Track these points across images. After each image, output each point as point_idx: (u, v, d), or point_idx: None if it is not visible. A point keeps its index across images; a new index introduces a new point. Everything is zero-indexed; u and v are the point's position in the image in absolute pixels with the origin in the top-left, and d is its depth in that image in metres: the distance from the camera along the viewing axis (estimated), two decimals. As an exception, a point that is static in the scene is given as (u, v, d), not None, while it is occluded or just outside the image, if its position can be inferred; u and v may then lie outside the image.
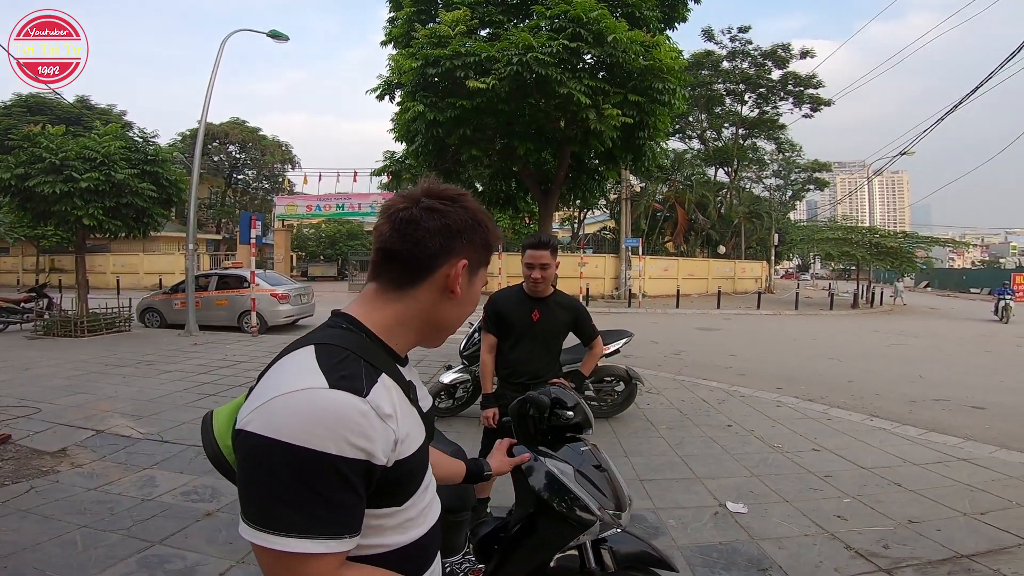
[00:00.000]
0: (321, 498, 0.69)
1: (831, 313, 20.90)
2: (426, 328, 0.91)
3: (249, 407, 0.73)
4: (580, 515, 1.71)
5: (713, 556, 2.87)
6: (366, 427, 0.72)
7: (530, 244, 2.82)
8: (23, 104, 30.07)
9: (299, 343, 0.81)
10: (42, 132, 10.52)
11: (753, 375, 8.40)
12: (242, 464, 0.72)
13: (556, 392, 2.00)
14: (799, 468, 4.27)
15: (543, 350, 2.92)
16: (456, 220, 0.87)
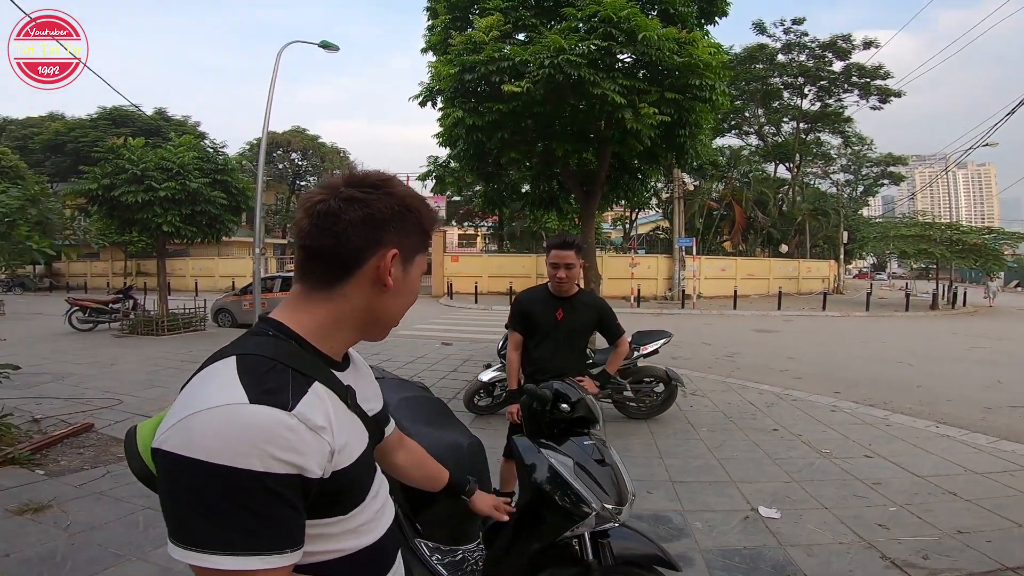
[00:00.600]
0: (253, 514, 0.65)
1: (906, 315, 19.48)
2: (364, 325, 0.86)
3: (166, 424, 0.68)
4: (575, 507, 1.75)
5: (735, 560, 2.81)
6: (294, 441, 0.68)
7: (554, 244, 2.88)
8: (108, 117, 32.90)
9: (222, 353, 0.76)
10: (124, 144, 11.42)
11: (810, 378, 8.01)
12: (162, 483, 0.68)
13: (559, 386, 2.04)
14: (845, 474, 4.07)
15: (567, 348, 2.96)
16: (381, 208, 0.81)
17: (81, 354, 9.14)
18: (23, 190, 5.21)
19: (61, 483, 3.63)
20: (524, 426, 2.16)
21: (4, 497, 3.34)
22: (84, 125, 32.82)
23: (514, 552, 1.91)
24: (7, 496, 3.36)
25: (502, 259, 27.23)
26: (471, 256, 29.88)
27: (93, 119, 33.28)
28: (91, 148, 29.41)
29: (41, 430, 4.68)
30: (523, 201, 9.42)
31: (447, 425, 2.62)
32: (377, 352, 9.42)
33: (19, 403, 5.34)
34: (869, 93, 31.06)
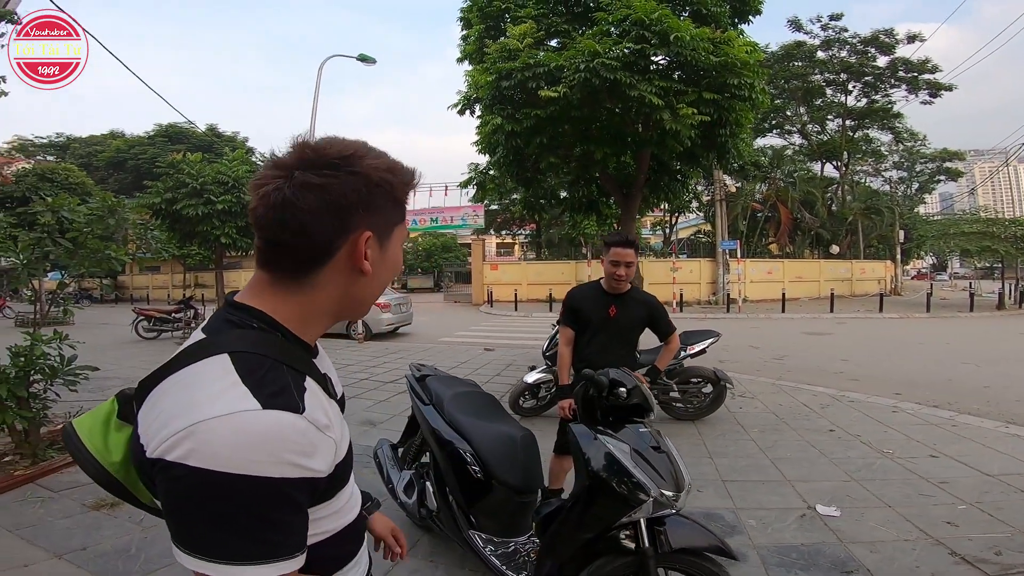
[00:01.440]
0: (269, 523, 0.63)
1: (971, 315, 18.36)
2: (341, 310, 0.80)
3: (164, 432, 0.63)
4: (632, 492, 1.76)
5: (792, 556, 2.75)
6: (306, 445, 0.66)
7: (615, 242, 2.92)
8: (164, 134, 34.95)
9: (205, 347, 0.69)
10: (184, 159, 11.99)
11: (868, 380, 7.69)
12: (170, 496, 0.64)
13: (615, 374, 2.08)
14: (909, 474, 3.91)
15: (619, 344, 3.00)
16: (344, 192, 0.71)
17: (148, 360, 9.71)
18: (100, 201, 5.60)
19: None
20: (579, 414, 2.20)
21: (81, 493, 3.53)
22: (143, 142, 34.97)
23: (569, 538, 1.93)
24: (85, 492, 3.54)
25: (541, 266, 27.30)
26: (510, 264, 30.06)
27: (151, 136, 35.38)
28: (150, 164, 31.53)
29: None
30: (562, 206, 9.47)
31: (499, 418, 2.70)
32: (422, 359, 9.62)
33: (91, 404, 5.66)
34: (918, 87, 29.72)
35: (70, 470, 3.88)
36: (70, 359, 4.31)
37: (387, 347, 11.29)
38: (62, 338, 4.30)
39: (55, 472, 3.83)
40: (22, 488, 3.59)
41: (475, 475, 2.39)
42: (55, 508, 3.30)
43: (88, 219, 5.19)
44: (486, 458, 2.38)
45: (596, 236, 21.30)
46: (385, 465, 3.03)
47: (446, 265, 39.23)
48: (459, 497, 2.46)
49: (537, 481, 2.42)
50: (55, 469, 3.84)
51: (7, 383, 3.79)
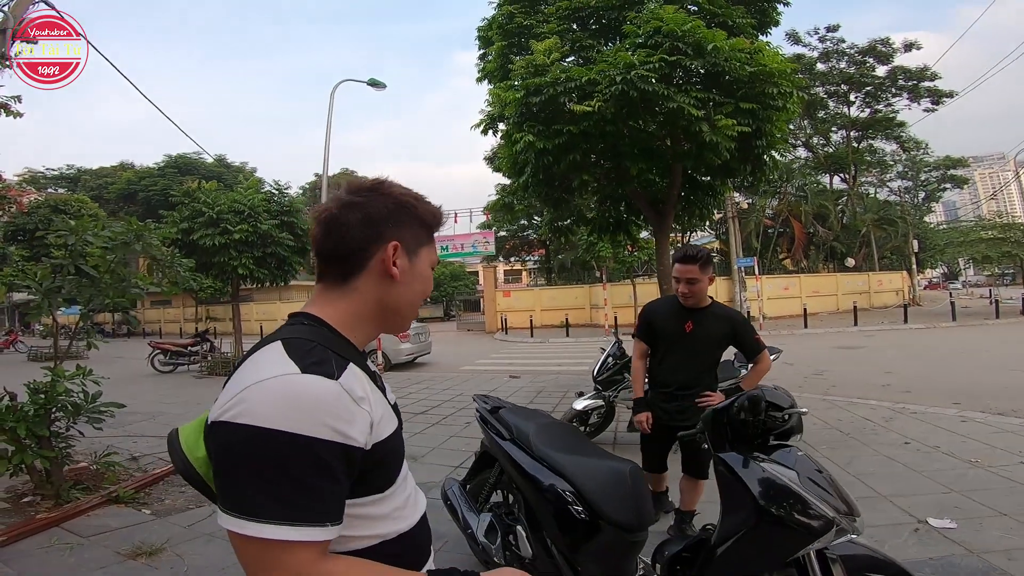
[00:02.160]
0: (298, 483, 0.68)
1: (998, 322, 17.91)
2: (382, 316, 0.92)
3: (223, 400, 0.73)
4: (815, 522, 1.58)
5: (926, 572, 2.53)
6: (340, 409, 0.72)
7: (678, 258, 2.86)
8: (173, 165, 35.12)
9: (266, 341, 0.81)
10: (199, 188, 11.89)
11: (921, 392, 7.35)
12: (218, 455, 0.72)
13: (770, 394, 1.86)
14: (1011, 482, 3.67)
15: (694, 361, 2.90)
16: (375, 208, 0.88)
17: (167, 394, 9.50)
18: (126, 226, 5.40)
19: (170, 523, 3.56)
20: (710, 443, 1.96)
21: (114, 539, 3.30)
22: (152, 174, 35.11)
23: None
24: (117, 537, 3.32)
25: (554, 292, 27.09)
26: (523, 290, 29.91)
27: (160, 167, 35.56)
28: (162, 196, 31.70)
29: (141, 468, 4.73)
30: (590, 227, 9.28)
31: (594, 452, 2.44)
32: (447, 388, 9.38)
33: (115, 441, 5.47)
34: (919, 95, 30.05)
35: (97, 512, 3.65)
36: (95, 395, 4.11)
37: (409, 377, 11.02)
38: (86, 373, 4.09)
39: (81, 515, 3.58)
40: (47, 532, 3.34)
41: (579, 516, 2.12)
42: (86, 556, 3.04)
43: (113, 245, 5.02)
44: (591, 496, 2.11)
45: (611, 259, 21.11)
46: (459, 507, 2.75)
47: (456, 294, 39.10)
48: (560, 543, 2.18)
49: (650, 517, 2.13)
50: (81, 512, 3.59)
51: (26, 421, 3.59)
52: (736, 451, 1.85)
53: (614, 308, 21.99)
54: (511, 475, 2.48)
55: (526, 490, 2.35)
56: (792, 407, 1.86)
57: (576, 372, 11.30)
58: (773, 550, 1.67)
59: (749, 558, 1.70)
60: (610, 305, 21.85)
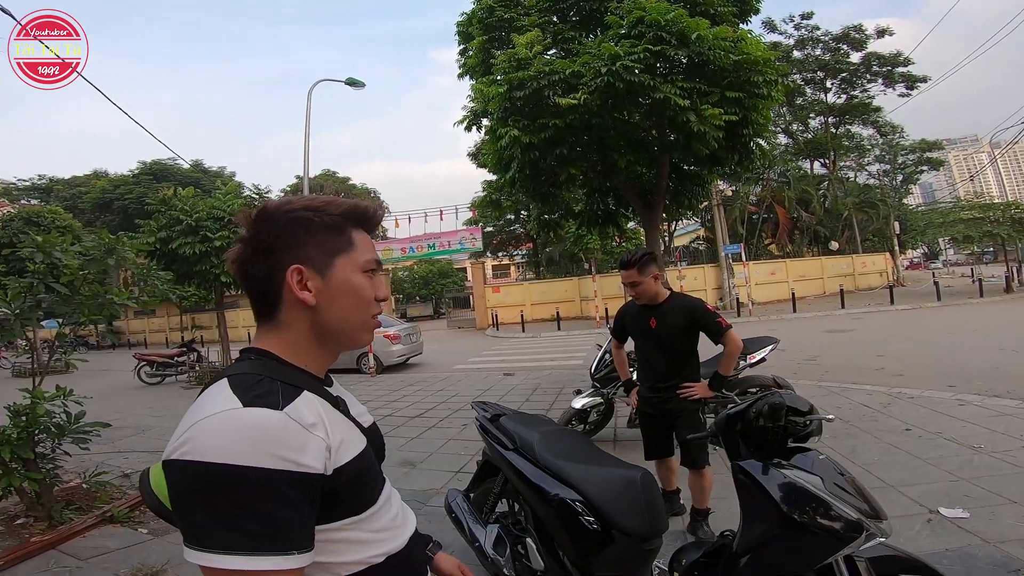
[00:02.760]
0: (252, 513, 0.68)
1: (983, 301, 18.22)
2: (323, 340, 0.88)
3: (172, 439, 0.73)
4: (846, 528, 1.53)
5: (943, 563, 2.46)
6: (288, 438, 0.71)
7: (619, 265, 3.12)
8: (148, 172, 34.19)
9: (214, 379, 0.81)
10: (175, 195, 11.59)
11: (914, 375, 7.39)
12: (172, 491, 0.72)
13: (790, 400, 1.79)
14: (1017, 468, 3.66)
15: (665, 354, 3.04)
16: (264, 236, 0.84)
17: (155, 406, 9.27)
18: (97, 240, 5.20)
19: (168, 543, 3.47)
20: (727, 449, 1.88)
21: (113, 560, 3.21)
22: (128, 182, 34.07)
23: None
24: (116, 559, 3.22)
25: (544, 285, 27.03)
26: (512, 285, 29.78)
27: (135, 175, 34.52)
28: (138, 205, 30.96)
29: (133, 485, 4.58)
30: (578, 221, 9.20)
31: (602, 459, 2.36)
32: (442, 389, 9.26)
33: (105, 458, 5.32)
34: (894, 81, 30.60)
35: (92, 533, 3.53)
36: (78, 416, 3.98)
37: (402, 379, 10.88)
38: (66, 394, 3.96)
39: (76, 536, 3.47)
40: (43, 556, 3.23)
41: (590, 526, 2.04)
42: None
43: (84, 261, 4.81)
44: (602, 506, 2.03)
45: (599, 250, 21.10)
46: (465, 520, 2.65)
47: (445, 291, 38.89)
48: (573, 554, 2.09)
49: (663, 524, 2.06)
50: (76, 533, 3.48)
51: (9, 444, 3.49)
52: (754, 457, 1.77)
53: (604, 299, 22.00)
54: (517, 486, 2.39)
55: (534, 501, 2.27)
56: (812, 412, 1.77)
57: (570, 367, 11.23)
58: (801, 558, 1.61)
59: (776, 567, 1.64)
60: (600, 296, 21.83)
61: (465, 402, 7.86)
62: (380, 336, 12.47)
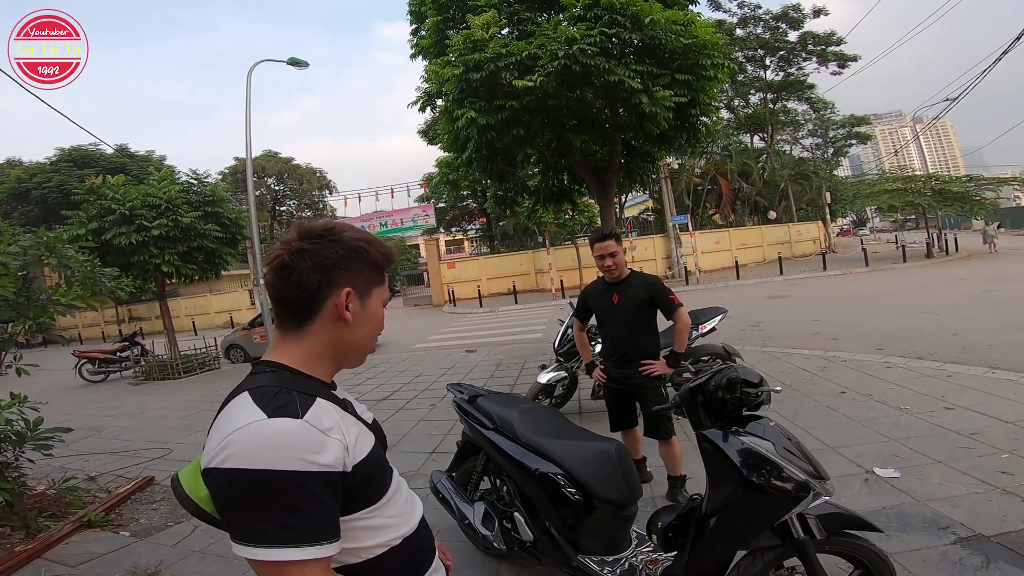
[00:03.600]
0: (288, 510, 0.78)
1: (906, 266, 19.74)
2: (337, 356, 0.98)
3: (208, 451, 0.83)
4: (797, 489, 1.73)
5: (882, 520, 2.75)
6: (309, 443, 0.81)
7: (595, 238, 3.20)
8: (68, 158, 31.58)
9: (234, 393, 0.90)
10: (104, 183, 10.90)
11: (846, 339, 8.03)
12: (217, 496, 0.82)
13: (742, 373, 1.96)
14: (939, 428, 4.04)
15: (629, 327, 3.23)
16: (328, 255, 0.92)
17: (104, 405, 8.85)
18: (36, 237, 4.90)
19: (154, 544, 3.45)
20: (690, 420, 2.06)
21: (104, 565, 3.17)
22: (45, 170, 31.44)
23: (727, 546, 1.87)
24: (107, 564, 3.18)
25: (500, 260, 27.13)
26: (467, 260, 29.72)
27: (53, 162, 31.90)
28: (58, 193, 28.68)
29: (103, 488, 4.50)
30: (533, 198, 9.31)
31: (578, 434, 2.52)
32: (406, 369, 9.27)
33: (64, 462, 5.16)
34: (827, 59, 32.23)
35: (74, 539, 3.49)
36: (36, 422, 3.81)
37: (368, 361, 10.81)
38: (21, 401, 3.78)
39: (58, 543, 3.41)
40: (32, 565, 3.17)
41: (572, 497, 2.22)
42: None
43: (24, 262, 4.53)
44: (582, 478, 2.22)
45: (552, 223, 21.34)
46: (452, 499, 2.78)
47: (399, 269, 38.30)
48: (559, 524, 2.27)
49: (639, 491, 2.27)
50: (57, 540, 3.42)
51: None
52: (715, 426, 1.97)
53: (559, 271, 22.38)
54: (500, 464, 2.53)
55: (518, 477, 2.42)
56: (762, 383, 1.97)
57: (530, 340, 11.46)
58: (761, 517, 1.80)
59: (740, 526, 1.84)
60: (555, 269, 22.18)
61: (430, 382, 7.94)
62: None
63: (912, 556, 2.47)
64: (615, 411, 3.39)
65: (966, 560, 2.40)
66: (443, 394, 7.04)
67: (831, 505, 1.96)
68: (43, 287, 4.77)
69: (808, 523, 1.86)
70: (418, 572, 1.00)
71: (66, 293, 4.77)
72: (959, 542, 2.54)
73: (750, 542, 1.84)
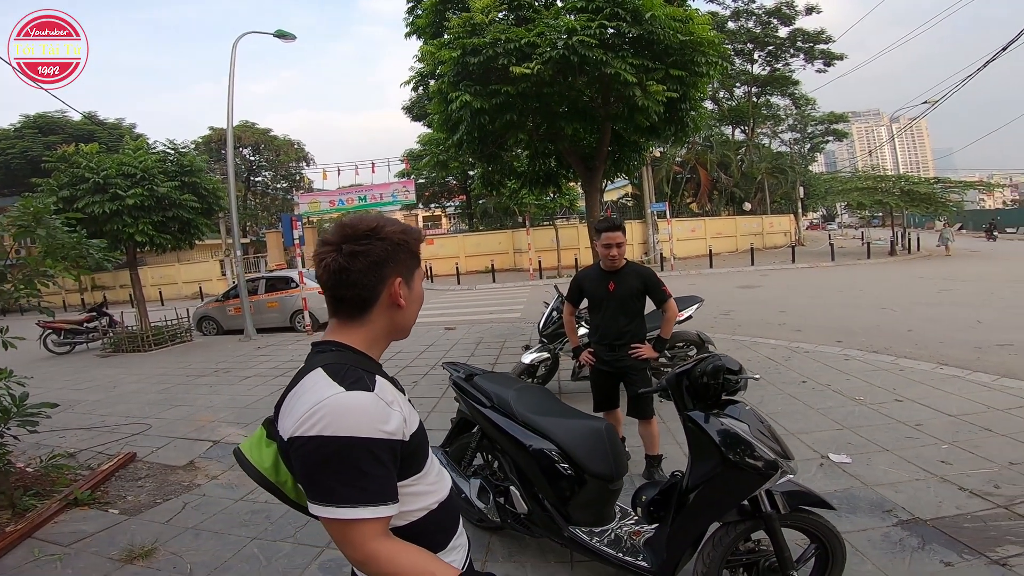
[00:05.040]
0: (363, 474, 0.90)
1: (870, 262, 20.56)
2: (391, 334, 1.12)
3: (293, 420, 0.94)
4: (767, 467, 1.95)
5: (833, 502, 3.03)
6: (380, 413, 0.94)
7: (605, 228, 3.34)
8: (33, 125, 30.36)
9: (306, 370, 1.02)
10: (78, 151, 10.63)
11: (809, 330, 8.46)
12: (303, 459, 0.93)
13: (727, 361, 2.17)
14: (888, 419, 4.40)
15: (623, 315, 3.41)
16: (378, 253, 1.04)
17: (74, 379, 8.70)
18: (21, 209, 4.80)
19: (146, 521, 3.44)
20: (676, 403, 2.27)
21: (99, 544, 3.15)
22: (8, 136, 30.15)
23: (705, 519, 2.09)
24: (101, 542, 3.16)
25: (479, 237, 27.15)
26: (446, 237, 29.61)
27: (17, 128, 30.62)
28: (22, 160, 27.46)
29: (85, 465, 4.43)
30: (520, 180, 9.39)
31: (570, 413, 2.71)
32: (385, 345, 9.34)
33: (41, 438, 4.99)
34: (814, 57, 32.70)
35: (63, 518, 3.46)
36: (22, 397, 3.78)
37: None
38: (7, 375, 3.76)
39: (47, 523, 3.38)
40: (24, 545, 3.15)
41: (565, 472, 2.43)
42: (80, 566, 2.92)
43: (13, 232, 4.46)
44: (575, 454, 2.42)
45: (532, 205, 21.42)
46: (448, 474, 2.95)
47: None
48: (552, 497, 2.48)
49: (625, 467, 2.50)
50: (46, 519, 3.39)
51: None
52: (698, 408, 2.19)
53: (537, 252, 22.56)
54: (497, 440, 2.71)
55: (514, 453, 2.61)
56: (741, 371, 2.19)
57: (509, 320, 11.66)
58: (735, 492, 2.04)
59: (716, 499, 2.07)
60: (534, 249, 22.35)
61: (411, 359, 8.07)
62: (314, 292, 12.20)
63: (859, 535, 2.76)
64: (601, 392, 3.59)
65: (905, 541, 2.70)
66: (425, 371, 7.20)
67: (793, 483, 2.21)
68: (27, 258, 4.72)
69: (775, 499, 2.10)
70: (449, 534, 1.13)
71: (52, 264, 4.73)
72: (900, 524, 2.84)
73: (724, 514, 2.08)
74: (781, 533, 2.07)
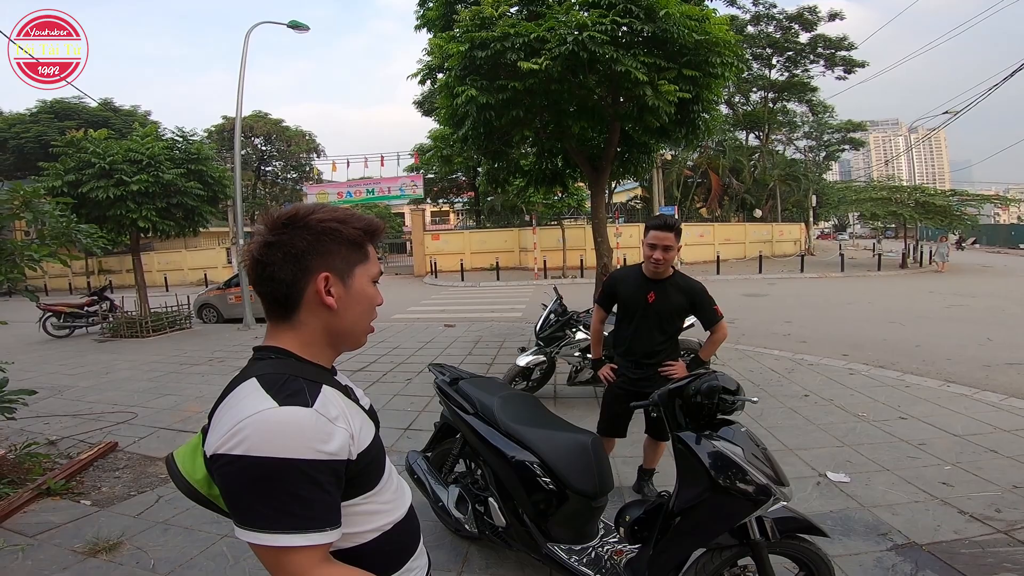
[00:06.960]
0: (294, 498, 0.79)
1: (880, 274, 20.27)
2: (332, 341, 0.98)
3: (217, 436, 0.82)
4: (759, 493, 1.83)
5: (828, 524, 2.90)
6: (318, 432, 0.82)
7: (655, 225, 2.82)
8: (49, 110, 30.65)
9: (240, 379, 0.90)
10: (86, 137, 10.67)
11: (815, 342, 8.29)
12: (224, 481, 0.82)
13: (723, 380, 2.04)
14: (890, 437, 4.25)
15: (657, 331, 2.94)
16: (296, 243, 0.90)
17: (69, 363, 8.67)
18: (11, 191, 4.76)
19: (116, 514, 3.35)
20: (667, 423, 2.14)
21: (64, 535, 3.06)
22: (24, 120, 30.46)
23: (690, 544, 1.97)
24: (65, 534, 3.08)
25: (484, 234, 27.04)
26: (452, 233, 29.56)
27: (33, 113, 30.95)
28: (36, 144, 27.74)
29: (63, 453, 4.34)
30: (526, 178, 9.27)
31: (556, 424, 2.59)
32: (383, 340, 9.26)
33: (24, 424, 4.97)
34: (835, 64, 32.07)
35: (32, 508, 3.37)
36: (1, 383, 3.72)
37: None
38: None
39: (16, 512, 3.29)
40: None
41: (546, 487, 2.31)
42: (42, 558, 2.84)
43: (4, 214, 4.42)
44: (558, 468, 2.30)
45: (540, 204, 21.28)
46: (427, 481, 2.84)
47: (382, 236, 37.91)
48: (531, 512, 2.36)
49: (610, 484, 2.37)
50: (15, 509, 3.30)
51: None
52: (690, 428, 2.06)
53: (543, 251, 22.43)
54: (478, 449, 2.58)
55: (494, 463, 2.48)
56: (739, 391, 2.06)
57: (510, 319, 11.56)
58: (722, 519, 1.91)
59: (703, 525, 1.94)
60: (539, 249, 22.22)
61: (407, 355, 7.98)
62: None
63: (851, 560, 2.63)
64: (614, 416, 3.12)
65: (898, 567, 2.57)
66: (419, 369, 7.09)
67: (786, 509, 2.07)
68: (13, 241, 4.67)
69: (764, 525, 1.97)
70: (405, 556, 1.02)
71: (39, 248, 4.67)
72: (894, 549, 2.71)
73: (710, 541, 1.96)
74: (768, 561, 1.95)
